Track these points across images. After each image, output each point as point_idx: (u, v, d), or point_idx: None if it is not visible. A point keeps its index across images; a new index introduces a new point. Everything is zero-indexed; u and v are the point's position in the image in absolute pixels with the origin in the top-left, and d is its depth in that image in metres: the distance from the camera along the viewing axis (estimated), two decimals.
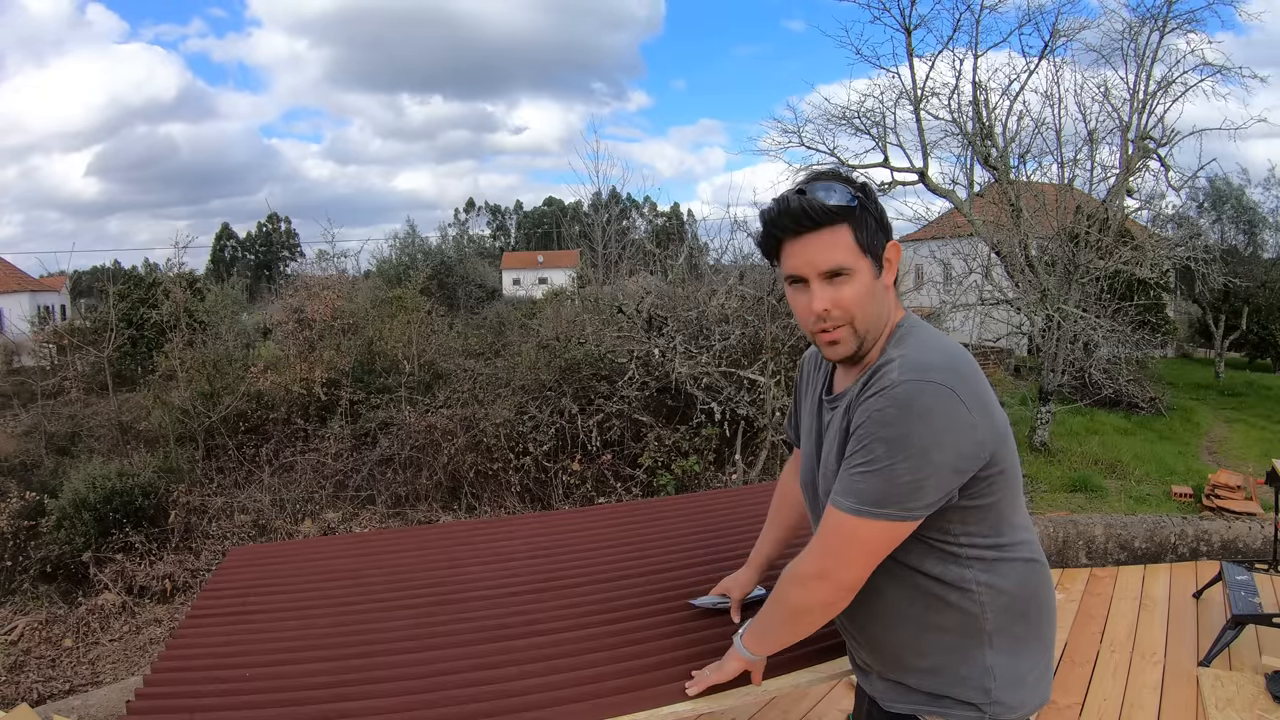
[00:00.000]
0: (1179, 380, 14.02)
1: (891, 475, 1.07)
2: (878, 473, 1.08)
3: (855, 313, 1.14)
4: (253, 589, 2.04)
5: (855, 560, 1.14)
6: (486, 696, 1.43)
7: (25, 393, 10.33)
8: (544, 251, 51.69)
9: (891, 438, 1.07)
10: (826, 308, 1.14)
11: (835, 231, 1.12)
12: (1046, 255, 8.53)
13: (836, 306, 1.14)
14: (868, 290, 1.14)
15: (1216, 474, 5.37)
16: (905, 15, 8.68)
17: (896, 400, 1.07)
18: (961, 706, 1.20)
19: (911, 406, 1.07)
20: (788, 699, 2.87)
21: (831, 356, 1.21)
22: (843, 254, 1.12)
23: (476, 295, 22.75)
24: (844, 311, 1.14)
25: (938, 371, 1.09)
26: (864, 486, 1.09)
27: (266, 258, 63.44)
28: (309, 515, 6.45)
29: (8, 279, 28.20)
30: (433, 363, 8.32)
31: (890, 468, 1.07)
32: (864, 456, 1.10)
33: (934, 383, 1.08)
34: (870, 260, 1.14)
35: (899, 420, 1.07)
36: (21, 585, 5.90)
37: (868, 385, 1.14)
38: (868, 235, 1.13)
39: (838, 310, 1.14)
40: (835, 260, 1.12)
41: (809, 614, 1.22)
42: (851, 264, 1.12)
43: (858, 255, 1.13)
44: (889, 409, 1.08)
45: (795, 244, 1.14)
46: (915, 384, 1.08)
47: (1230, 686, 2.81)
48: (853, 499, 1.11)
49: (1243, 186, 15.97)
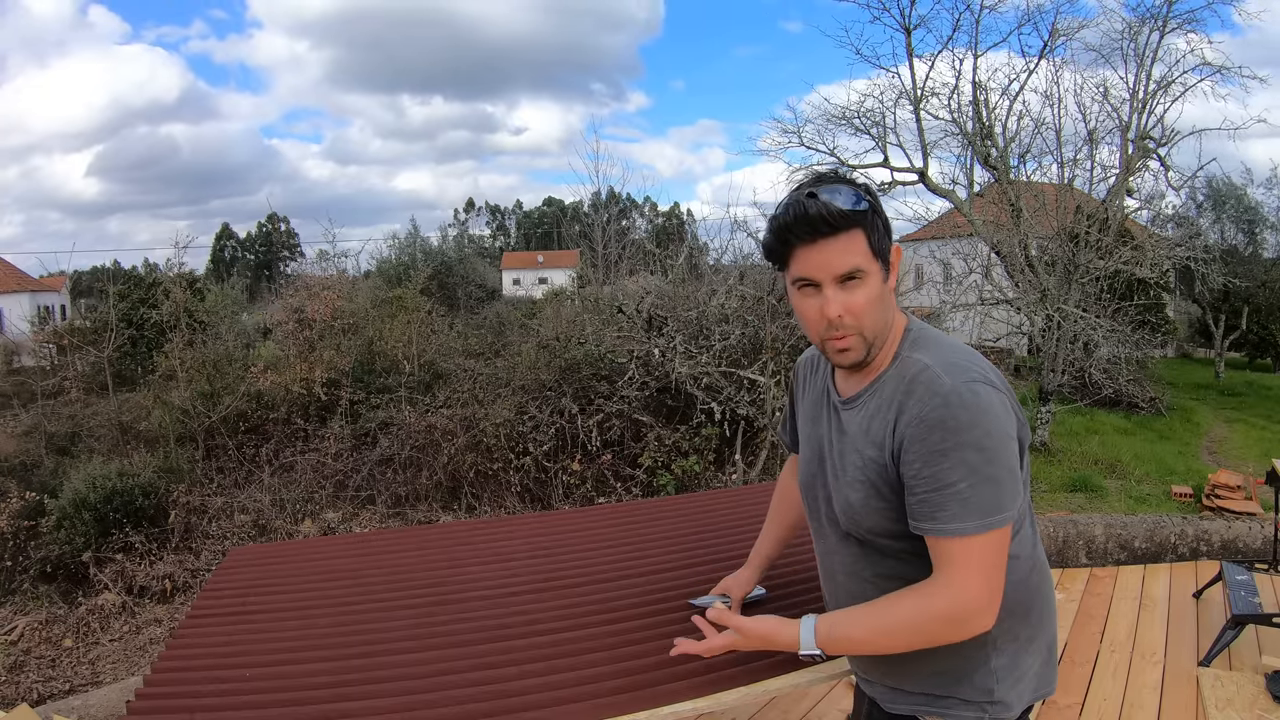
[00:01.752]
0: (1179, 380, 14.03)
1: (995, 478, 1.05)
2: (984, 481, 1.05)
3: (865, 318, 1.13)
4: (253, 589, 2.04)
5: (1001, 577, 1.10)
6: (486, 696, 1.43)
7: (25, 393, 10.33)
8: (544, 251, 51.73)
9: (976, 442, 1.05)
10: (840, 314, 1.12)
11: (851, 236, 1.10)
12: (1046, 255, 8.53)
13: (849, 313, 1.12)
14: (879, 295, 1.14)
15: (1216, 474, 5.38)
16: (905, 15, 8.69)
17: (965, 404, 1.06)
18: (963, 706, 1.20)
19: (978, 407, 1.06)
20: (788, 699, 2.87)
21: (842, 363, 1.19)
22: (859, 258, 1.11)
23: (476, 295, 22.78)
24: (855, 318, 1.13)
25: (979, 370, 1.10)
26: (978, 500, 1.05)
27: (266, 258, 63.46)
28: (309, 515, 6.45)
29: (8, 279, 28.21)
30: (433, 363, 8.33)
31: (991, 471, 1.05)
32: (960, 470, 1.05)
33: (982, 382, 1.08)
34: (880, 264, 1.14)
35: (975, 424, 1.05)
36: (21, 585, 5.90)
37: (910, 395, 1.11)
38: (878, 239, 1.13)
39: (850, 317, 1.13)
40: (852, 264, 1.11)
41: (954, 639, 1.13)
42: (866, 267, 1.12)
43: (870, 259, 1.12)
44: (961, 413, 1.06)
45: (810, 248, 1.11)
46: (970, 385, 1.07)
47: (1230, 686, 2.81)
48: (977, 515, 1.06)
49: (1244, 186, 15.98)
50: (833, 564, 1.30)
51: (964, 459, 1.05)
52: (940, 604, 1.09)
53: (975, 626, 1.10)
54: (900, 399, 1.12)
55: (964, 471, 1.05)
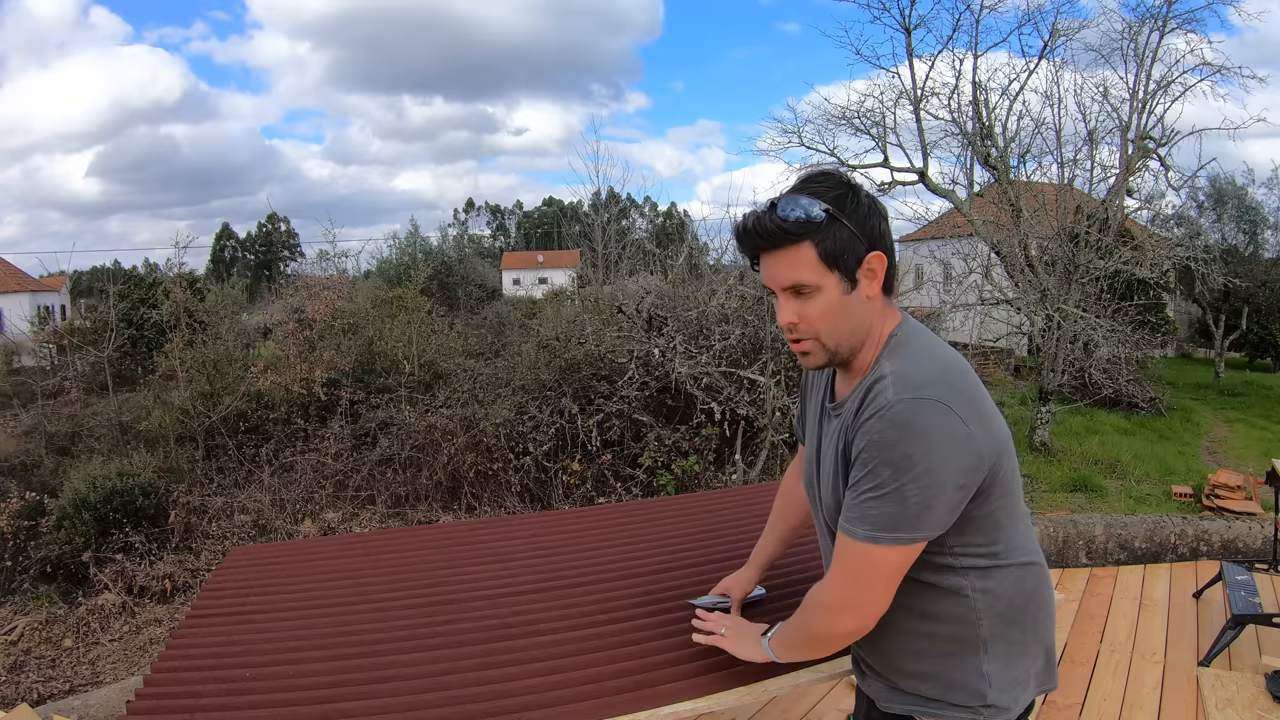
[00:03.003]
0: (1179, 380, 14.02)
1: (901, 499, 1.06)
2: (886, 497, 1.07)
3: (820, 328, 1.15)
4: (253, 589, 2.04)
5: (876, 588, 1.14)
6: (486, 696, 1.43)
7: (25, 393, 10.31)
8: (544, 251, 51.73)
9: (894, 460, 1.06)
10: (793, 321, 1.16)
11: (797, 249, 1.11)
12: (1046, 255, 8.53)
13: (803, 320, 1.15)
14: (834, 306, 1.13)
15: (1216, 474, 5.38)
16: (905, 15, 8.69)
17: (895, 421, 1.06)
18: (955, 709, 1.20)
19: (910, 426, 1.05)
20: (788, 699, 2.87)
21: (804, 365, 1.23)
22: (804, 271, 1.11)
23: (476, 295, 22.77)
24: (809, 325, 1.15)
25: (931, 387, 1.08)
26: (875, 513, 1.08)
27: (266, 258, 63.45)
28: (309, 515, 6.45)
29: (8, 279, 28.19)
30: (433, 363, 8.33)
31: (898, 491, 1.06)
32: (870, 482, 1.08)
33: (929, 399, 1.06)
34: (838, 275, 1.12)
35: (899, 442, 1.05)
36: (21, 585, 5.90)
37: (864, 405, 1.13)
38: (837, 248, 1.10)
39: (803, 324, 1.15)
40: (795, 278, 1.12)
41: (833, 641, 1.26)
42: (813, 281, 1.11)
43: (821, 272, 1.11)
44: (888, 430, 1.06)
45: (766, 257, 1.15)
46: (910, 402, 1.06)
47: (1230, 686, 2.81)
48: (866, 526, 1.09)
49: (1246, 186, 15.98)
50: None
51: (876, 472, 1.08)
52: (816, 594, 1.23)
53: (842, 624, 1.19)
54: (859, 407, 1.15)
55: (874, 482, 1.08)
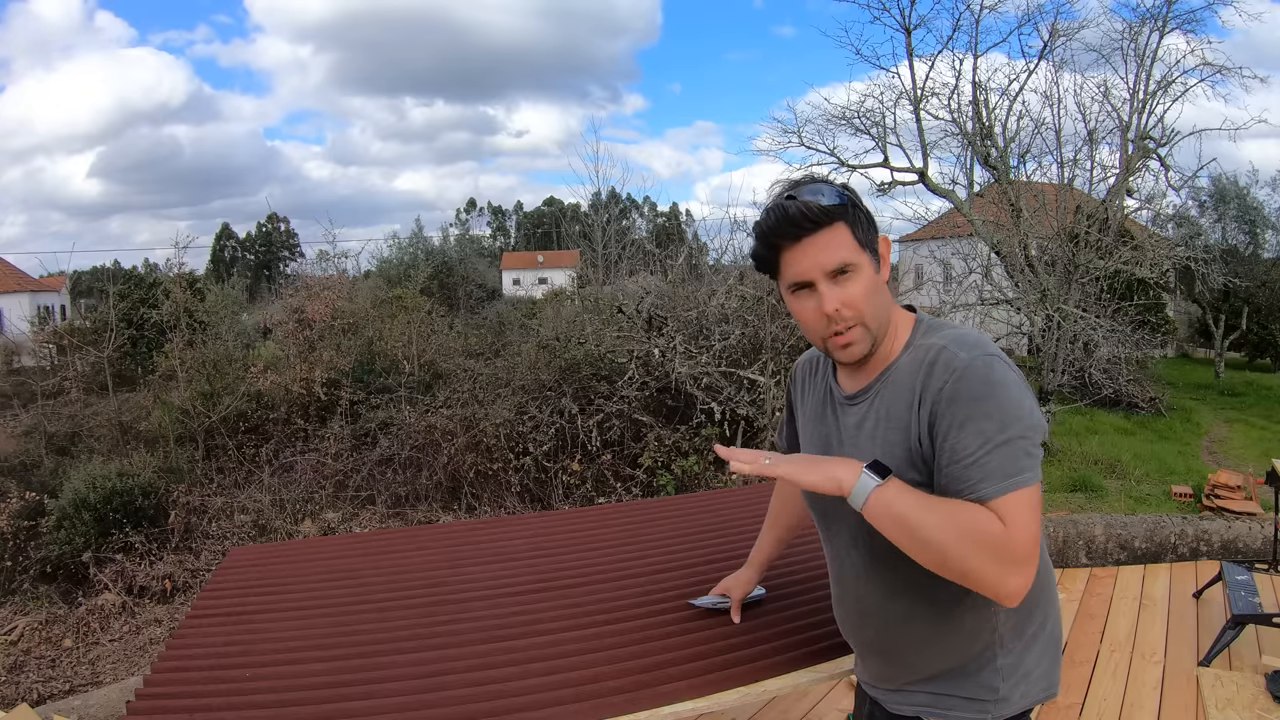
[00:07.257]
0: (1179, 380, 14.00)
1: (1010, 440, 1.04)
2: (1004, 445, 1.04)
3: (865, 310, 1.13)
4: (253, 589, 2.04)
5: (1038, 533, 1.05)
6: (486, 696, 1.43)
7: (25, 393, 10.30)
8: (544, 252, 51.69)
9: (992, 411, 1.05)
10: (838, 307, 1.12)
11: (835, 230, 1.11)
12: (1046, 255, 8.53)
13: (847, 306, 1.12)
14: (873, 285, 1.14)
15: (1216, 474, 5.37)
16: (905, 15, 8.71)
17: (977, 375, 1.07)
18: (966, 703, 1.20)
19: (990, 378, 1.06)
20: (788, 699, 2.87)
21: (847, 359, 1.17)
22: (846, 251, 1.12)
23: (477, 295, 22.74)
24: (855, 310, 1.13)
25: (993, 348, 1.11)
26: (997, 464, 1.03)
27: (266, 258, 63.50)
28: (309, 515, 6.45)
29: (8, 279, 28.18)
30: (433, 363, 8.32)
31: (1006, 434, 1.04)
32: (978, 439, 1.04)
33: (997, 357, 1.09)
34: (869, 255, 1.14)
35: (990, 393, 1.06)
36: (21, 585, 5.90)
37: (932, 375, 1.11)
38: (863, 232, 1.13)
39: (849, 310, 1.12)
40: (841, 258, 1.11)
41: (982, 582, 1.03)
42: (856, 260, 1.12)
43: (859, 251, 1.13)
44: (976, 384, 1.06)
45: (796, 250, 1.12)
46: (984, 358, 1.08)
47: (1230, 686, 2.81)
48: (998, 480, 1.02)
49: (1248, 187, 15.97)
50: (843, 567, 1.29)
51: (982, 428, 1.04)
52: (997, 530, 1.01)
53: (1009, 579, 1.01)
54: (922, 379, 1.11)
55: (981, 438, 1.04)
